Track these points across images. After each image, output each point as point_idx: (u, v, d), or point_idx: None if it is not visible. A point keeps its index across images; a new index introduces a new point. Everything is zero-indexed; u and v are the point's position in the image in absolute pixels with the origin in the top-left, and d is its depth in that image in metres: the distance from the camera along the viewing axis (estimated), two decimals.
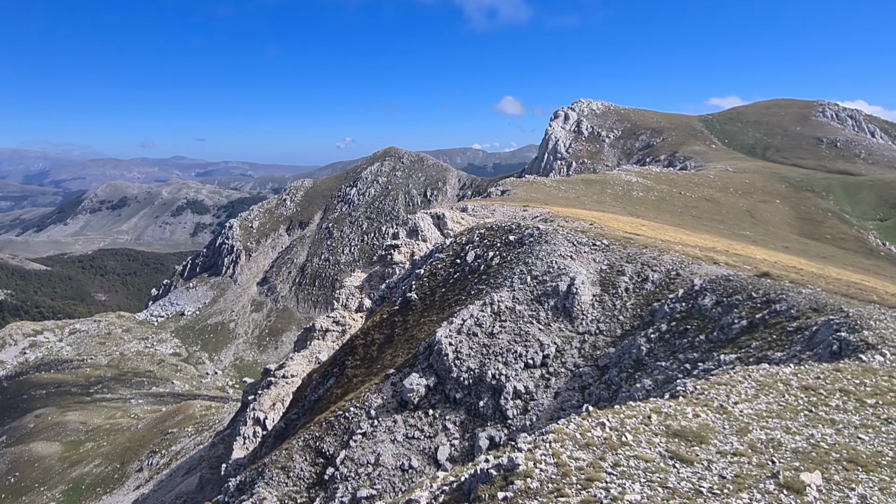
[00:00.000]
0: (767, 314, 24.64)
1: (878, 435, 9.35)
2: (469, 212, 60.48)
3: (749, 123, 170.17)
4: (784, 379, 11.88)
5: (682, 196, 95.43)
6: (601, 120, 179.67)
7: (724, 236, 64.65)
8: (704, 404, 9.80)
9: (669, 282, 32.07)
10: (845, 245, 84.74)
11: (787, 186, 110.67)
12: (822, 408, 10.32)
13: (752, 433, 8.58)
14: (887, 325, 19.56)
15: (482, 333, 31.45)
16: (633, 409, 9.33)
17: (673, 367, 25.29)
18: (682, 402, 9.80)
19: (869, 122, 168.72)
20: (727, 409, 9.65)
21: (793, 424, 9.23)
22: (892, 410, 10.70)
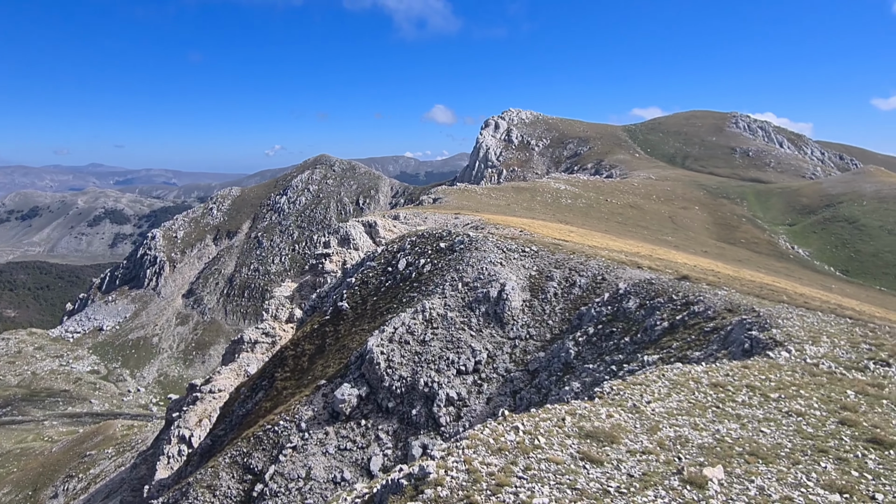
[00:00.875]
0: (687, 315, 25.65)
1: (779, 428, 9.93)
2: (401, 220, 60.41)
3: (669, 133, 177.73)
4: (695, 377, 12.41)
5: (609, 203, 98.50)
6: (530, 129, 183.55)
7: (647, 241, 67.06)
8: (619, 404, 10.11)
9: (596, 286, 32.98)
10: (758, 249, 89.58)
11: (705, 193, 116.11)
12: (729, 404, 10.86)
13: (662, 431, 8.91)
14: (794, 324, 20.77)
15: (414, 341, 31.41)
16: (549, 411, 9.52)
17: (600, 370, 25.93)
18: (597, 404, 10.07)
19: (777, 133, 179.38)
20: (640, 408, 9.98)
21: (700, 421, 9.66)
22: (793, 404, 11.37)
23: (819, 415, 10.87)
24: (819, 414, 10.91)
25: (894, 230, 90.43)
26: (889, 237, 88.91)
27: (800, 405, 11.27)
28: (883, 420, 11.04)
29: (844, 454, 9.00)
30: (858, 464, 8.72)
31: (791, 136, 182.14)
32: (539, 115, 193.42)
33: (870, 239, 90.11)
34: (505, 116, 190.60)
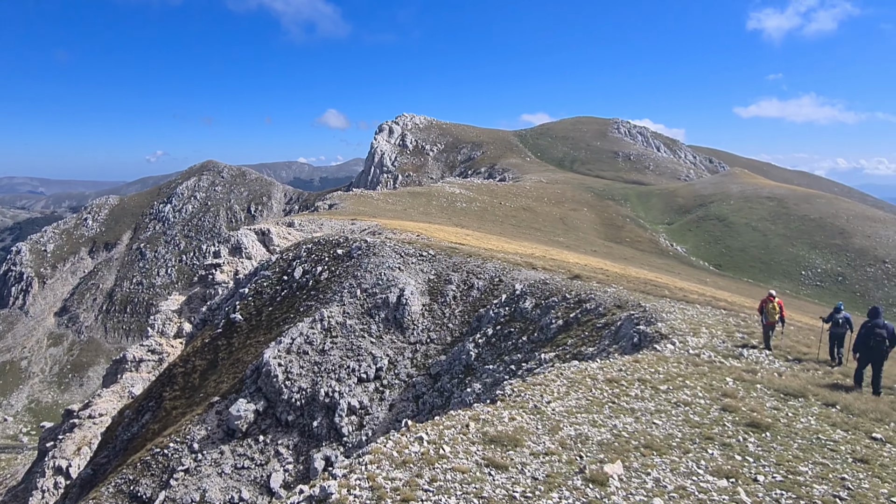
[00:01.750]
0: (580, 313, 26.59)
1: (670, 419, 10.44)
2: (296, 226, 58.81)
3: (558, 138, 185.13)
4: (591, 374, 12.83)
5: (503, 206, 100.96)
6: (425, 134, 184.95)
7: (541, 243, 69.25)
8: (520, 406, 10.22)
9: (493, 288, 33.56)
10: (642, 247, 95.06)
11: (593, 196, 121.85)
12: (624, 398, 11.30)
13: (563, 430, 9.08)
14: (676, 317, 22.07)
15: (313, 351, 30.58)
16: (453, 418, 9.45)
17: (500, 370, 26.35)
18: (499, 407, 10.13)
19: (654, 138, 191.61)
20: (541, 409, 10.14)
21: (599, 417, 9.96)
22: (681, 394, 12.03)
23: (704, 403, 11.53)
24: (704, 402, 11.58)
25: (758, 227, 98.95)
26: (754, 233, 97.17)
27: (686, 395, 11.91)
28: (759, 404, 11.89)
29: (728, 440, 9.58)
30: (741, 448, 9.30)
31: (666, 140, 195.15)
32: (433, 120, 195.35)
33: (737, 235, 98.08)
34: (399, 121, 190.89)
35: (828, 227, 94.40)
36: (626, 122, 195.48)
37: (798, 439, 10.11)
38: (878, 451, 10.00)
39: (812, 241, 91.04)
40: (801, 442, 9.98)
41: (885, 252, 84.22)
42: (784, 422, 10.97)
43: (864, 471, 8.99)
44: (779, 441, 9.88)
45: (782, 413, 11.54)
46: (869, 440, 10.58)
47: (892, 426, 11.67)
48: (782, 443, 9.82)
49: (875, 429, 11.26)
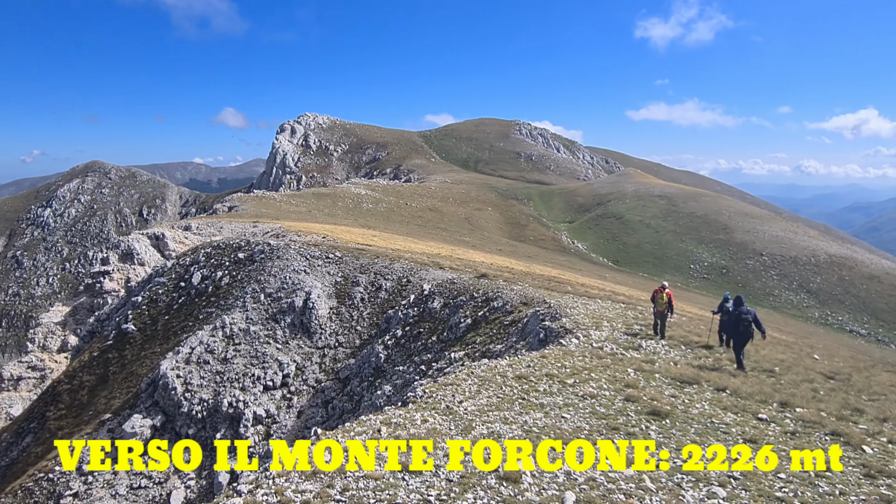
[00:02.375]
0: (488, 311, 26.98)
1: (577, 412, 10.75)
2: (193, 230, 56.08)
3: (462, 139, 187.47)
4: (501, 371, 13.00)
5: (409, 207, 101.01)
6: (328, 134, 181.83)
7: (447, 242, 69.78)
8: (433, 407, 10.16)
9: (402, 289, 33.45)
10: (545, 245, 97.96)
11: (497, 195, 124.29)
12: (533, 394, 11.51)
13: (476, 430, 9.10)
14: (580, 311, 22.82)
15: (215, 360, 29.27)
16: (364, 424, 9.25)
17: (410, 371, 26.29)
18: (411, 409, 10.02)
19: (554, 140, 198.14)
20: (453, 409, 10.12)
21: (510, 414, 10.07)
22: (586, 387, 12.42)
23: (608, 395, 11.96)
24: (608, 394, 12.01)
25: (651, 224, 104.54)
26: (647, 230, 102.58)
27: (592, 388, 12.30)
28: (658, 392, 12.48)
29: (632, 429, 9.97)
30: (644, 436, 9.70)
31: (566, 142, 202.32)
32: (337, 121, 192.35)
33: (633, 232, 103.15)
34: (301, 121, 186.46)
35: (712, 223, 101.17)
36: (528, 124, 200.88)
37: (695, 424, 10.68)
38: (764, 431, 10.75)
39: (699, 237, 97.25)
40: (697, 427, 10.55)
41: (762, 246, 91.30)
42: (682, 408, 11.56)
43: (753, 450, 9.61)
44: (678, 427, 10.40)
45: (679, 400, 12.16)
46: (756, 421, 11.35)
47: (775, 406, 12.59)
48: (681, 428, 10.34)
49: (760, 410, 12.10)
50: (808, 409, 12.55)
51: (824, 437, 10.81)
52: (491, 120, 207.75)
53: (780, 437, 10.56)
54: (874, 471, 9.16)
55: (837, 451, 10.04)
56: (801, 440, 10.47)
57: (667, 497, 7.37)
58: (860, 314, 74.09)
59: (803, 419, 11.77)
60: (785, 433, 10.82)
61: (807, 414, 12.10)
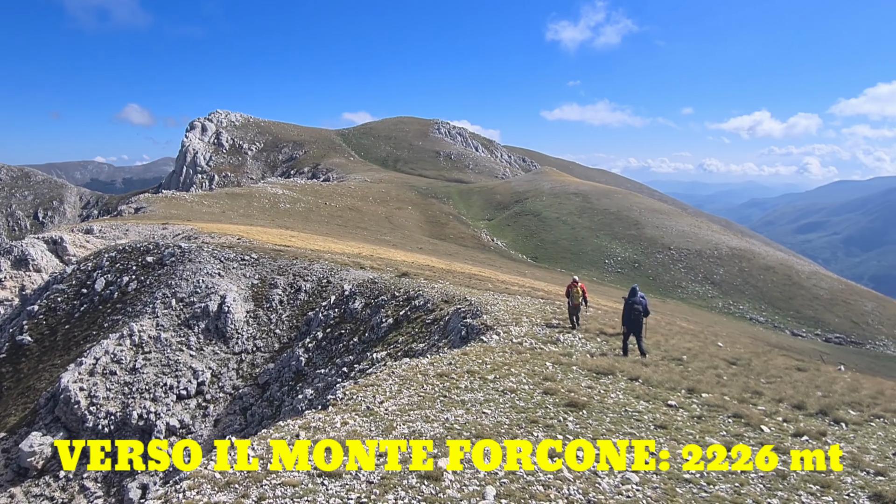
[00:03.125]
0: (409, 310, 26.94)
1: (498, 407, 10.88)
2: (96, 233, 52.92)
3: (380, 138, 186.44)
4: (423, 370, 12.99)
5: (328, 206, 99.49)
6: (242, 132, 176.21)
7: (368, 242, 69.26)
8: (353, 409, 9.99)
9: (322, 290, 32.89)
10: (465, 243, 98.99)
11: (416, 194, 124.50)
12: (455, 391, 11.57)
13: (397, 430, 9.02)
14: (500, 308, 23.15)
15: (122, 370, 27.78)
16: (281, 429, 8.99)
17: (332, 373, 25.92)
18: (331, 412, 9.83)
19: (473, 139, 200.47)
20: (374, 410, 10.00)
21: (431, 413, 10.06)
22: (507, 382, 12.62)
23: (528, 388, 12.20)
24: (528, 388, 12.24)
25: (567, 220, 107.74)
26: (564, 227, 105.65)
27: (512, 382, 12.51)
28: (575, 384, 12.85)
29: (550, 421, 10.21)
30: (562, 427, 9.95)
31: (484, 141, 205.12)
32: (250, 118, 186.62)
33: (550, 229, 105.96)
34: (213, 118, 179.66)
35: (624, 219, 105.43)
36: (446, 123, 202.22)
37: (610, 413, 11.06)
38: (674, 417, 11.28)
39: (612, 233, 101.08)
40: (612, 416, 10.94)
41: (670, 240, 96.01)
42: (598, 399, 11.95)
43: (664, 436, 10.07)
44: (594, 417, 10.73)
45: (595, 391, 12.57)
46: (666, 407, 11.90)
47: (683, 393, 13.24)
48: (597, 418, 10.68)
49: (670, 397, 12.69)
50: (712, 393, 13.28)
51: (727, 420, 11.46)
52: (410, 119, 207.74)
53: (687, 421, 11.12)
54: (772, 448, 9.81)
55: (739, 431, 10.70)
56: (706, 423, 11.06)
57: (584, 486, 7.58)
58: (758, 303, 79.25)
59: (708, 404, 12.44)
60: (692, 418, 11.40)
61: (712, 398, 12.80)
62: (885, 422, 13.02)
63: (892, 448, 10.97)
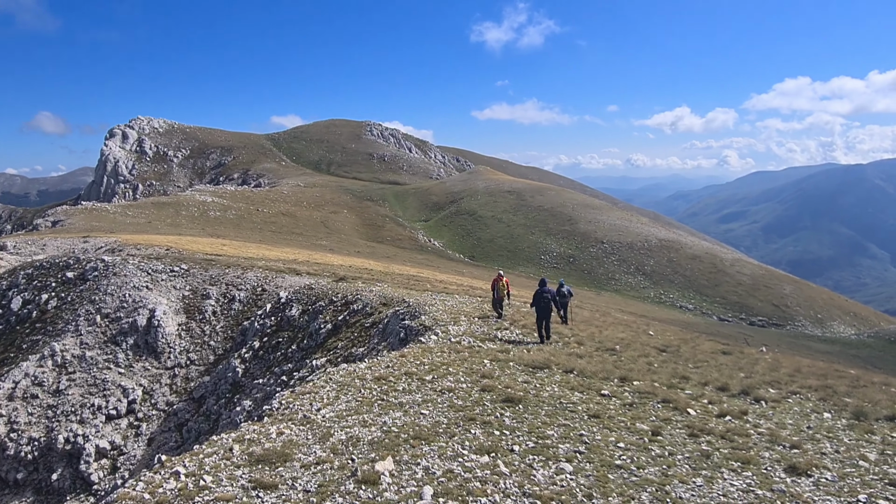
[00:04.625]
0: (348, 315, 26.74)
1: (436, 407, 10.97)
2: (10, 250, 49.97)
3: (312, 141, 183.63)
4: (360, 374, 12.94)
5: (261, 213, 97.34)
6: (166, 139, 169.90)
7: (304, 248, 68.17)
8: (289, 419, 9.86)
9: (257, 298, 32.21)
10: (403, 244, 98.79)
11: (352, 197, 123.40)
12: (393, 394, 11.59)
13: (334, 436, 8.97)
14: (438, 308, 23.26)
15: (45, 393, 26.42)
16: (214, 444, 8.77)
17: (271, 383, 25.45)
18: (266, 423, 9.66)
19: (406, 140, 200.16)
20: (311, 418, 9.90)
21: (369, 417, 10.04)
22: (445, 381, 12.73)
23: (465, 387, 12.33)
24: (465, 386, 12.38)
25: (502, 219, 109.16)
26: (500, 225, 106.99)
27: (450, 382, 12.62)
28: (512, 380, 13.08)
29: (487, 417, 10.37)
30: (499, 423, 10.12)
31: (417, 142, 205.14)
32: (175, 124, 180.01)
33: (486, 227, 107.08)
34: (134, 125, 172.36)
35: (558, 215, 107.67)
36: (379, 125, 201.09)
37: (545, 407, 11.33)
38: (606, 406, 11.66)
39: (547, 229, 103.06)
40: (547, 409, 11.20)
41: (602, 234, 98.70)
42: (533, 393, 12.21)
43: (597, 424, 10.40)
44: (530, 411, 10.97)
45: (532, 385, 12.84)
46: (599, 397, 12.28)
47: (616, 382, 13.69)
48: (533, 412, 10.92)
49: (603, 387, 13.10)
50: (643, 381, 13.79)
51: (657, 406, 11.93)
52: (341, 121, 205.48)
53: (619, 409, 11.51)
54: (696, 430, 10.30)
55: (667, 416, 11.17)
56: (637, 410, 11.48)
57: (519, 479, 7.75)
58: (687, 291, 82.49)
59: (639, 391, 12.92)
60: (624, 405, 11.81)
61: (642, 386, 13.29)
62: (801, 398, 13.86)
63: (806, 422, 11.69)
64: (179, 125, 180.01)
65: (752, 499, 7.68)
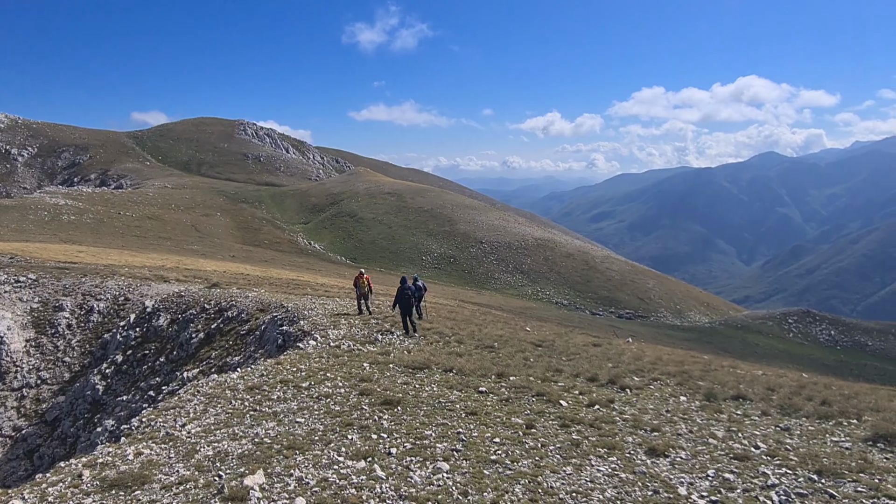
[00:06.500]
0: (222, 322, 25.59)
1: (312, 414, 10.65)
2: None
3: (181, 140, 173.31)
4: (231, 385, 12.31)
5: (123, 216, 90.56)
6: (9, 135, 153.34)
7: (172, 253, 64.32)
8: (150, 437, 9.13)
9: (119, 308, 30.05)
10: (281, 248, 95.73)
11: (225, 199, 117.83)
12: (266, 403, 11.13)
13: (200, 452, 8.43)
14: (318, 312, 22.81)
15: None
16: (61, 471, 7.97)
17: (136, 399, 23.94)
18: (123, 444, 8.91)
19: (282, 140, 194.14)
20: (174, 434, 9.24)
21: (239, 429, 9.54)
22: (322, 387, 12.43)
23: (343, 392, 12.11)
24: (343, 391, 12.16)
25: (383, 220, 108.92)
26: (381, 226, 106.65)
27: (328, 387, 12.34)
28: (391, 382, 13.02)
29: (365, 422, 10.22)
30: (377, 426, 10.01)
31: (294, 142, 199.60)
32: (18, 119, 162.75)
33: (367, 229, 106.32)
34: None
35: (438, 216, 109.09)
36: (253, 124, 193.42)
37: (424, 407, 11.36)
38: (484, 403, 11.90)
39: (428, 230, 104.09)
40: (426, 409, 11.24)
41: (482, 234, 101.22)
42: (413, 394, 12.21)
43: (474, 422, 10.58)
44: (408, 412, 10.95)
45: (411, 386, 12.85)
46: (477, 394, 12.51)
47: (493, 378, 14.03)
48: (411, 413, 10.91)
49: (481, 384, 13.37)
50: (519, 376, 14.24)
51: (532, 399, 12.35)
52: (212, 119, 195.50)
53: (496, 405, 11.79)
54: (568, 420, 10.76)
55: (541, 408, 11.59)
56: (513, 405, 11.81)
57: (396, 482, 7.69)
58: (562, 287, 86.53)
59: (515, 386, 13.31)
60: (500, 401, 12.11)
61: (518, 381, 13.72)
62: (662, 384, 14.91)
63: (665, 406, 12.58)
64: (25, 120, 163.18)
65: (616, 482, 8.12)
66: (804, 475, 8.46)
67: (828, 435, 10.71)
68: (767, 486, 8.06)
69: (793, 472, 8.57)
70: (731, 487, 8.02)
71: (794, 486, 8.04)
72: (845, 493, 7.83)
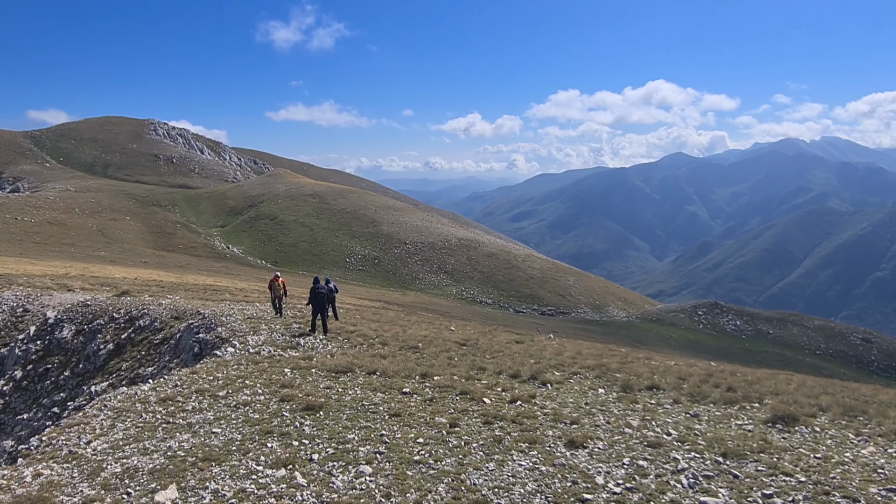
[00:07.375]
0: (133, 332, 24.42)
1: (230, 423, 10.26)
2: None
3: (84, 141, 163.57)
4: (143, 398, 11.70)
5: (20, 221, 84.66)
6: None
7: (77, 260, 60.72)
8: (51, 457, 8.53)
9: (17, 321, 28.17)
10: (197, 252, 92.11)
11: (135, 203, 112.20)
12: (181, 415, 10.63)
13: (107, 470, 7.93)
14: (237, 318, 22.10)
15: None
16: None
17: (38, 417, 22.54)
18: (20, 465, 8.29)
19: (196, 141, 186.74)
20: (78, 452, 8.66)
21: (151, 443, 9.06)
22: (240, 396, 12.02)
23: (263, 399, 11.77)
24: (263, 398, 11.82)
25: (305, 222, 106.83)
26: (302, 229, 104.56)
27: (246, 395, 11.96)
28: (314, 387, 12.78)
29: (286, 429, 9.97)
30: (298, 433, 9.79)
31: (209, 143, 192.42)
32: None
33: (288, 232, 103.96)
34: None
35: (362, 218, 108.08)
36: (164, 124, 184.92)
37: (347, 411, 11.21)
38: (408, 404, 11.88)
39: (351, 232, 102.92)
40: (349, 413, 11.10)
41: (405, 235, 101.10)
42: (336, 398, 12.03)
43: (398, 423, 10.54)
44: (331, 417, 10.78)
45: (334, 390, 12.65)
46: (401, 395, 12.47)
47: (417, 379, 14.03)
48: (334, 417, 10.74)
49: (405, 385, 13.34)
50: (443, 375, 14.30)
51: (455, 398, 12.42)
52: (119, 119, 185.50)
53: (420, 405, 11.79)
54: (491, 417, 10.91)
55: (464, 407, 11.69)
56: (437, 405, 11.85)
57: (317, 488, 7.55)
58: (486, 286, 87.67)
59: (440, 385, 13.36)
60: (424, 401, 12.12)
61: (442, 380, 13.77)
62: (581, 377, 15.38)
63: (584, 399, 12.98)
64: None
65: (536, 475, 8.30)
66: (711, 458, 8.96)
67: (733, 419, 11.38)
68: (678, 470, 8.47)
69: (701, 456, 9.06)
70: (644, 474, 8.37)
71: (701, 469, 8.49)
72: (747, 473, 8.35)
